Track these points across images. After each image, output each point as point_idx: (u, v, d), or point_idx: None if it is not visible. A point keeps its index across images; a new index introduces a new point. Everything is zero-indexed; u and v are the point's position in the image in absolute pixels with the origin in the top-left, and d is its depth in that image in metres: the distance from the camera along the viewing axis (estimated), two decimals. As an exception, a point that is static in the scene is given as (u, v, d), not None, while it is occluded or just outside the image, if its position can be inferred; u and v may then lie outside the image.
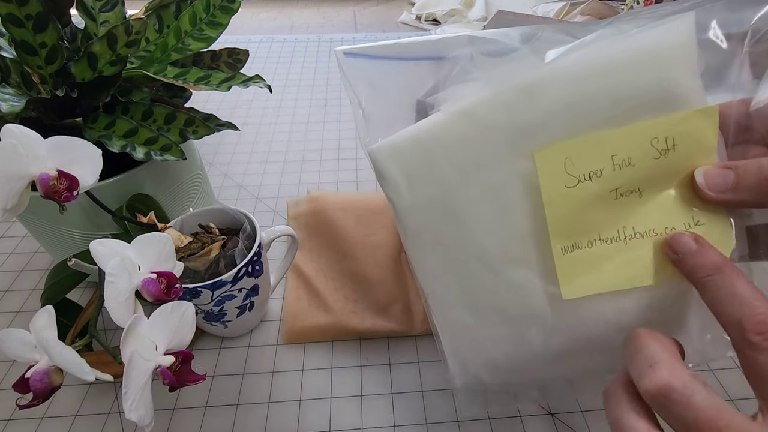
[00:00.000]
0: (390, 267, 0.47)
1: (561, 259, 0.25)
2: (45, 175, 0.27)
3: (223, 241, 0.38)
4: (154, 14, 0.41)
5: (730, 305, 0.20)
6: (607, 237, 0.24)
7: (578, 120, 0.24)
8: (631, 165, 0.24)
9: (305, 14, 1.34)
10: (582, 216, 0.24)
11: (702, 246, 0.22)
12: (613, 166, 0.24)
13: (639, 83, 0.23)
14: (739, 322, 0.19)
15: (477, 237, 0.26)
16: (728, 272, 0.21)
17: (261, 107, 0.78)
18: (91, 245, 0.26)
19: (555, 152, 0.24)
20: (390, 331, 0.42)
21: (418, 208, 0.27)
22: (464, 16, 1.21)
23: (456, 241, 0.27)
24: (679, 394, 0.19)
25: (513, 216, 0.26)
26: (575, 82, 0.24)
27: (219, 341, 0.42)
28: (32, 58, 0.35)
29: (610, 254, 0.24)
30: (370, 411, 0.37)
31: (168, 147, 0.37)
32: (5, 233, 0.54)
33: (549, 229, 0.25)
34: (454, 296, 0.27)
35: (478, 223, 0.26)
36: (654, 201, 0.24)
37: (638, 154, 0.23)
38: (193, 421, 0.37)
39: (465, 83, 0.26)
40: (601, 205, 0.24)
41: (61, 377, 0.25)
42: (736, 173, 0.22)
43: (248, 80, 0.41)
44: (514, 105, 0.24)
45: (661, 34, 0.23)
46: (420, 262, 0.28)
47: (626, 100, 0.23)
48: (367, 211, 0.53)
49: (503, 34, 0.26)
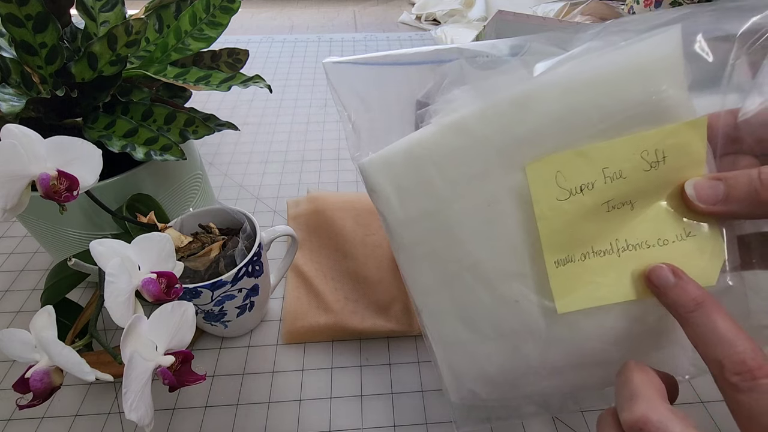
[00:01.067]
0: (390, 267, 0.47)
1: (555, 273, 0.24)
2: (45, 175, 0.27)
3: (223, 241, 0.38)
4: (154, 14, 0.41)
5: (711, 344, 0.20)
6: (600, 250, 0.24)
7: (569, 133, 0.24)
8: (622, 177, 0.23)
9: (305, 14, 1.34)
10: (575, 229, 0.24)
11: (681, 279, 0.22)
12: (604, 179, 0.23)
13: (627, 96, 0.23)
14: (720, 362, 0.19)
15: (470, 251, 0.26)
16: (708, 308, 0.21)
17: (261, 107, 0.78)
18: (91, 245, 0.26)
19: (546, 165, 0.24)
20: (390, 331, 0.42)
21: (411, 222, 0.27)
22: (464, 16, 1.21)
23: (449, 255, 0.26)
24: (654, 427, 0.19)
25: (506, 230, 0.25)
26: (564, 96, 0.23)
27: (219, 341, 0.42)
28: (32, 58, 0.35)
29: (603, 267, 0.24)
30: (370, 411, 0.37)
31: (168, 147, 0.37)
32: (5, 233, 0.54)
33: (542, 243, 0.24)
34: (448, 311, 0.27)
35: (472, 237, 0.26)
36: (646, 213, 0.24)
37: (629, 166, 0.23)
38: (193, 421, 0.37)
39: (455, 96, 0.26)
40: (593, 218, 0.24)
41: (61, 377, 0.25)
42: (726, 184, 0.22)
43: (248, 80, 0.41)
44: (505, 118, 0.24)
45: (648, 47, 0.23)
46: (413, 276, 0.28)
47: (615, 113, 0.23)
48: (367, 211, 0.53)
49: (492, 46, 0.26)
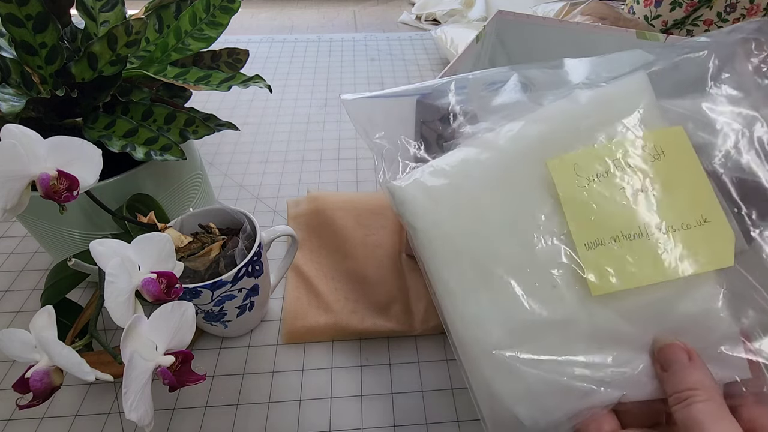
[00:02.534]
0: (390, 267, 0.47)
1: (586, 256, 0.26)
2: (45, 175, 0.27)
3: (223, 241, 0.38)
4: (154, 14, 0.41)
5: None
6: (630, 233, 0.26)
7: (575, 137, 0.28)
8: (631, 167, 0.26)
9: (305, 14, 1.34)
10: (600, 214, 0.26)
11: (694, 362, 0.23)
12: (615, 169, 0.26)
13: (616, 111, 0.28)
14: None
15: (501, 248, 0.27)
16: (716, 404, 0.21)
17: (261, 107, 0.78)
18: (91, 245, 0.26)
19: (563, 160, 0.27)
20: (390, 331, 0.42)
21: (441, 227, 0.28)
22: (464, 16, 1.21)
23: (481, 253, 0.27)
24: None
25: (534, 220, 0.27)
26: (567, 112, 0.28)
27: (219, 341, 0.42)
28: (32, 58, 0.35)
29: (635, 249, 0.25)
30: (370, 411, 0.37)
31: (168, 147, 0.37)
32: (5, 233, 0.54)
33: (569, 227, 0.26)
34: (486, 314, 0.27)
35: (501, 231, 0.27)
36: (666, 200, 0.26)
37: (634, 159, 0.26)
38: (193, 421, 0.37)
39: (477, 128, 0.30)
40: (617, 204, 0.26)
41: (61, 377, 0.25)
42: None
43: (248, 80, 0.41)
44: (522, 132, 0.28)
45: (623, 83, 0.28)
46: (445, 282, 0.28)
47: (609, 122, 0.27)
48: (367, 211, 0.53)
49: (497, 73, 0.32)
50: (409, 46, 0.99)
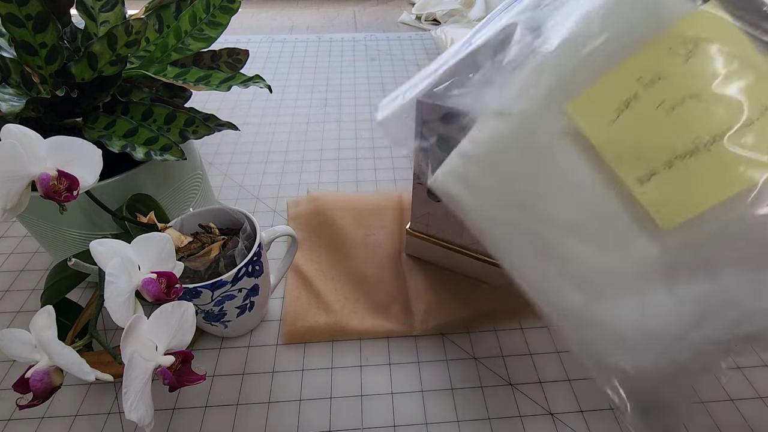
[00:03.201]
0: (390, 267, 0.47)
1: (641, 190, 0.23)
2: (45, 175, 0.27)
3: (223, 241, 0.38)
4: (154, 14, 0.41)
5: None
6: (684, 151, 0.23)
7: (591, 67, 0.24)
8: (662, 78, 0.23)
9: (305, 14, 1.34)
10: (643, 141, 0.24)
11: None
12: (644, 87, 0.23)
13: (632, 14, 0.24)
14: None
15: (554, 215, 0.25)
16: None
17: (261, 107, 0.78)
18: (91, 245, 0.26)
19: (583, 98, 0.24)
20: (390, 331, 0.42)
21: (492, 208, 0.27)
22: (464, 16, 1.21)
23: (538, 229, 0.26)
24: None
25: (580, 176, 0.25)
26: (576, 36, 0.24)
27: (219, 341, 0.42)
28: (32, 58, 0.35)
29: (696, 167, 0.23)
30: (371, 411, 0.37)
31: (168, 147, 0.37)
32: (5, 233, 0.54)
33: (613, 167, 0.24)
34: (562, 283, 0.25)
35: (549, 201, 0.25)
36: (716, 99, 0.23)
37: (663, 66, 0.23)
38: (193, 421, 0.37)
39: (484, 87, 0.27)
40: (657, 125, 0.23)
41: (61, 377, 0.25)
42: None
43: (248, 80, 0.41)
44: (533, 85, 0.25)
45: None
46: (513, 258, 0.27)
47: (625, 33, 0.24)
48: (367, 211, 0.53)
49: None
50: (409, 46, 0.99)
